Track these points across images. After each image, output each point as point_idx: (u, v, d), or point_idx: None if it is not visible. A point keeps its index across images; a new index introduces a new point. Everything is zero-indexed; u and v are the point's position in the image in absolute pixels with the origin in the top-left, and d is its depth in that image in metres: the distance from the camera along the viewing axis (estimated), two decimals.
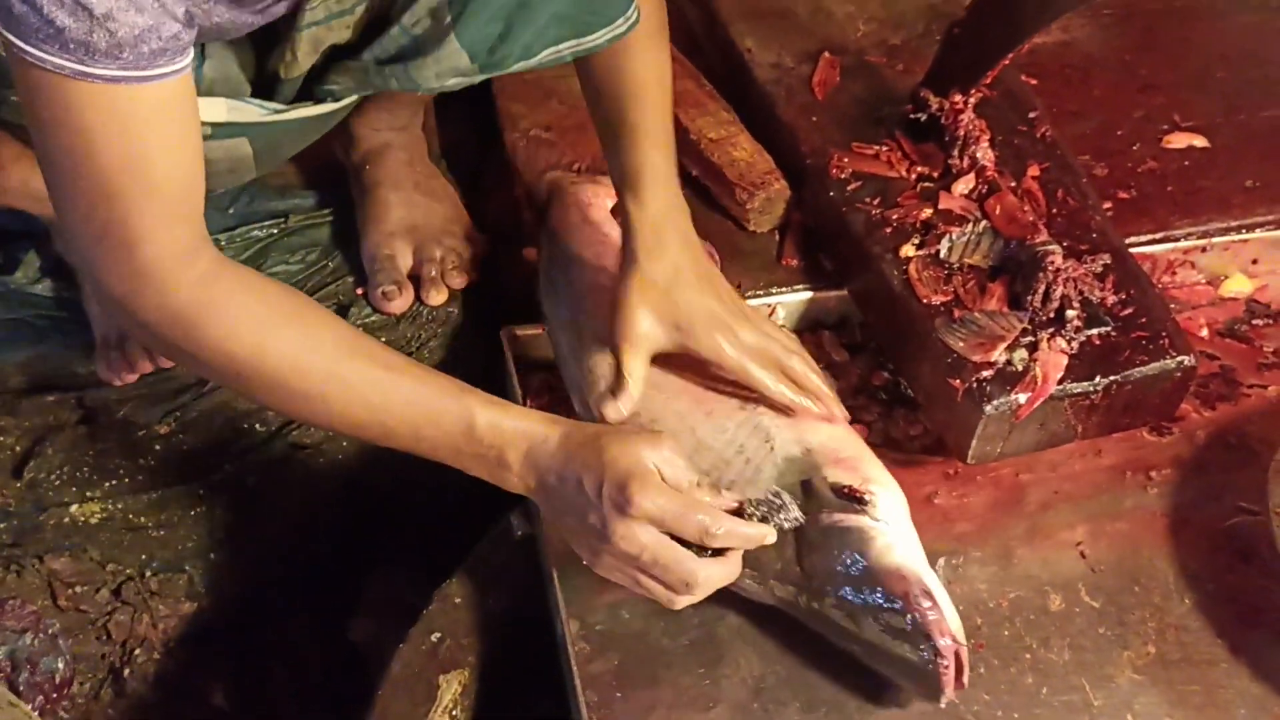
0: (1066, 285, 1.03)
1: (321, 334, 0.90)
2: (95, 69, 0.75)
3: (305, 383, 0.88)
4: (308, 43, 0.97)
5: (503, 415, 0.90)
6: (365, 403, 0.89)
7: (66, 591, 1.21)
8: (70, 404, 1.24)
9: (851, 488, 0.93)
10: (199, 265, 0.85)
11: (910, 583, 0.87)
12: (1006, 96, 1.23)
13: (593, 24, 0.98)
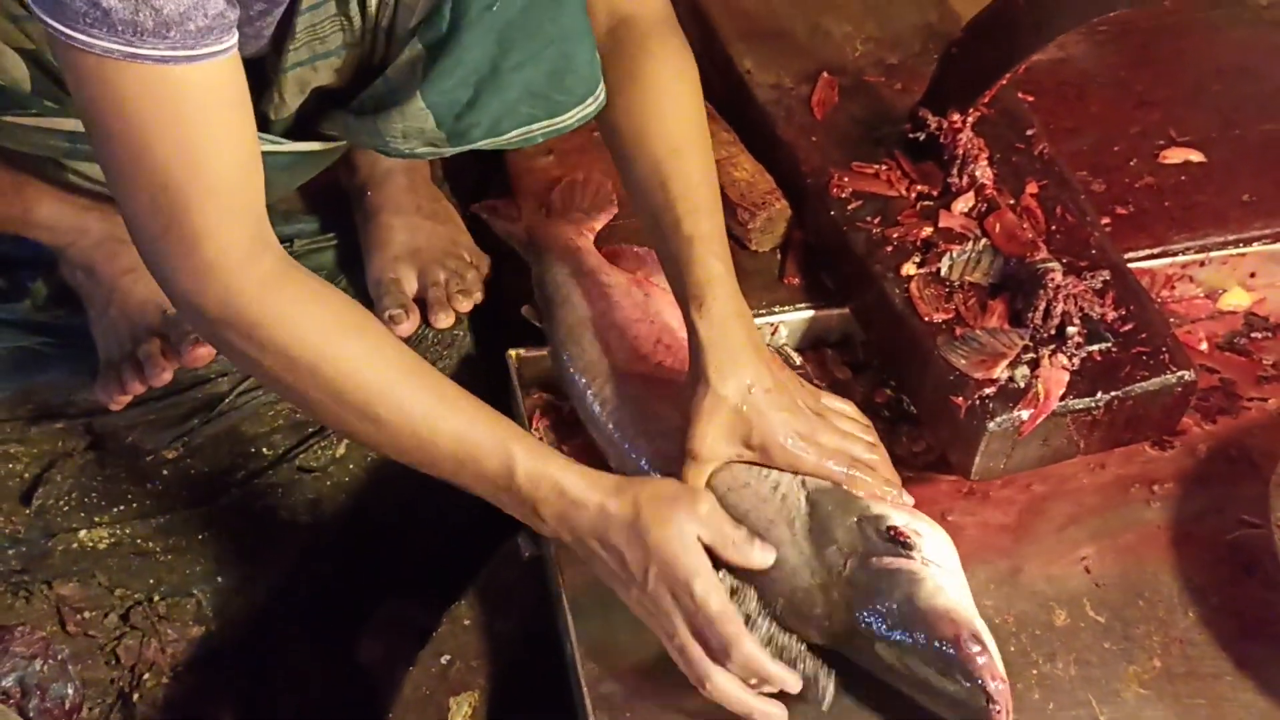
0: (1067, 302, 1.04)
1: (384, 351, 0.90)
2: (144, 49, 0.74)
3: (359, 398, 0.88)
4: (293, 84, 0.98)
5: (543, 468, 0.90)
6: (414, 430, 0.89)
7: (75, 617, 1.22)
8: (78, 430, 1.25)
9: (898, 529, 0.93)
10: (264, 264, 0.85)
11: (960, 626, 0.87)
12: (1004, 115, 1.24)
13: (564, 103, 0.99)
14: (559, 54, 0.96)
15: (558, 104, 0.99)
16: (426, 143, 0.98)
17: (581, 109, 1.00)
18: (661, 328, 1.11)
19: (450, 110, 0.96)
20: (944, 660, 0.87)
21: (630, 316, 1.12)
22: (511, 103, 0.97)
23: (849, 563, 0.92)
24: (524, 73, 0.95)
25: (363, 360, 0.88)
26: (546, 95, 0.98)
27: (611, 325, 1.11)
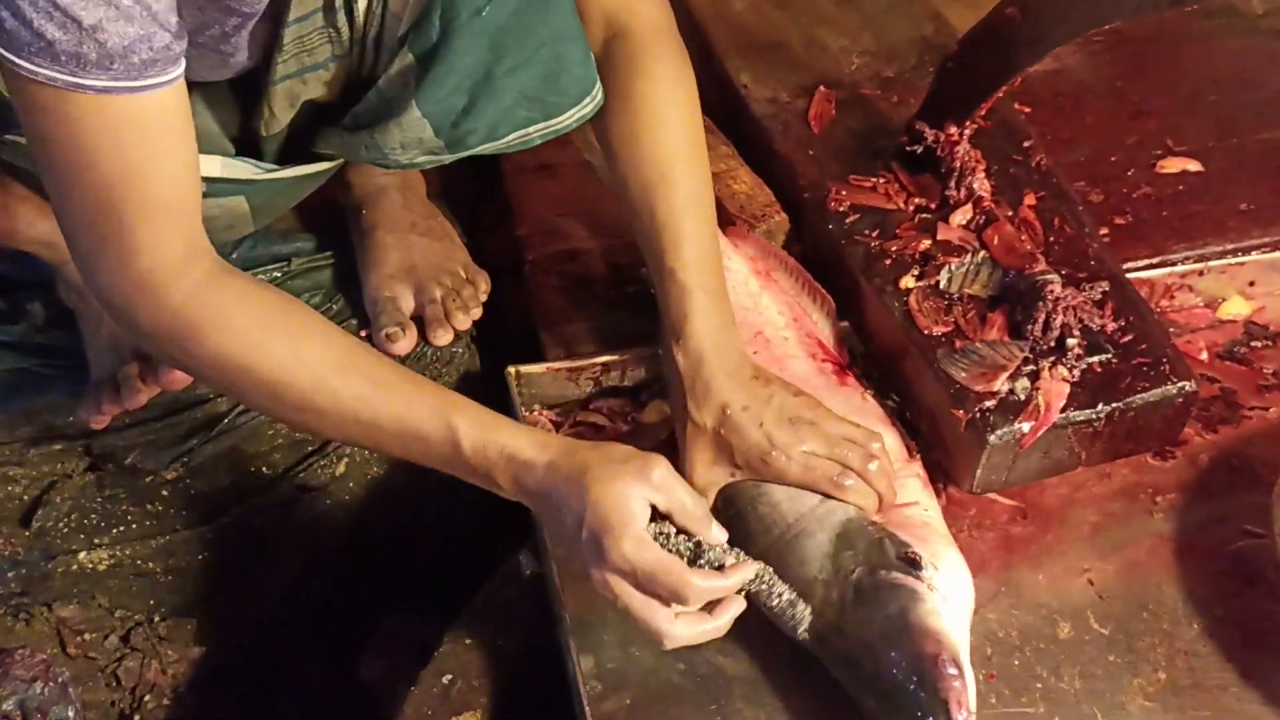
0: (1066, 313, 1.04)
1: (311, 346, 0.90)
2: (87, 80, 0.76)
3: (294, 395, 0.89)
4: (283, 97, 0.98)
5: (489, 434, 0.89)
6: (355, 418, 0.90)
7: (75, 639, 1.22)
8: (78, 452, 1.24)
9: (914, 552, 0.93)
10: (194, 274, 0.87)
11: (944, 648, 0.87)
12: (1001, 126, 1.25)
13: (560, 105, 0.99)
14: (552, 56, 0.97)
15: (553, 105, 0.99)
16: (426, 152, 0.98)
17: (578, 109, 1.00)
18: (766, 322, 1.11)
19: (447, 118, 0.96)
20: (919, 676, 0.87)
21: (737, 302, 1.09)
22: (507, 107, 0.97)
23: (859, 570, 0.93)
24: (518, 76, 0.96)
25: (290, 357, 0.88)
26: (541, 98, 0.98)
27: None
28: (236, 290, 0.89)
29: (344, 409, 0.89)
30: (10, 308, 1.30)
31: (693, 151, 1.04)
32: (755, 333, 1.11)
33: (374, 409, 0.89)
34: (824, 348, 1.11)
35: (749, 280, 1.15)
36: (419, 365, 1.28)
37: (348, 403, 0.89)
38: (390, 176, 1.32)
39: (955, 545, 0.98)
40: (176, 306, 0.86)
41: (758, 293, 1.14)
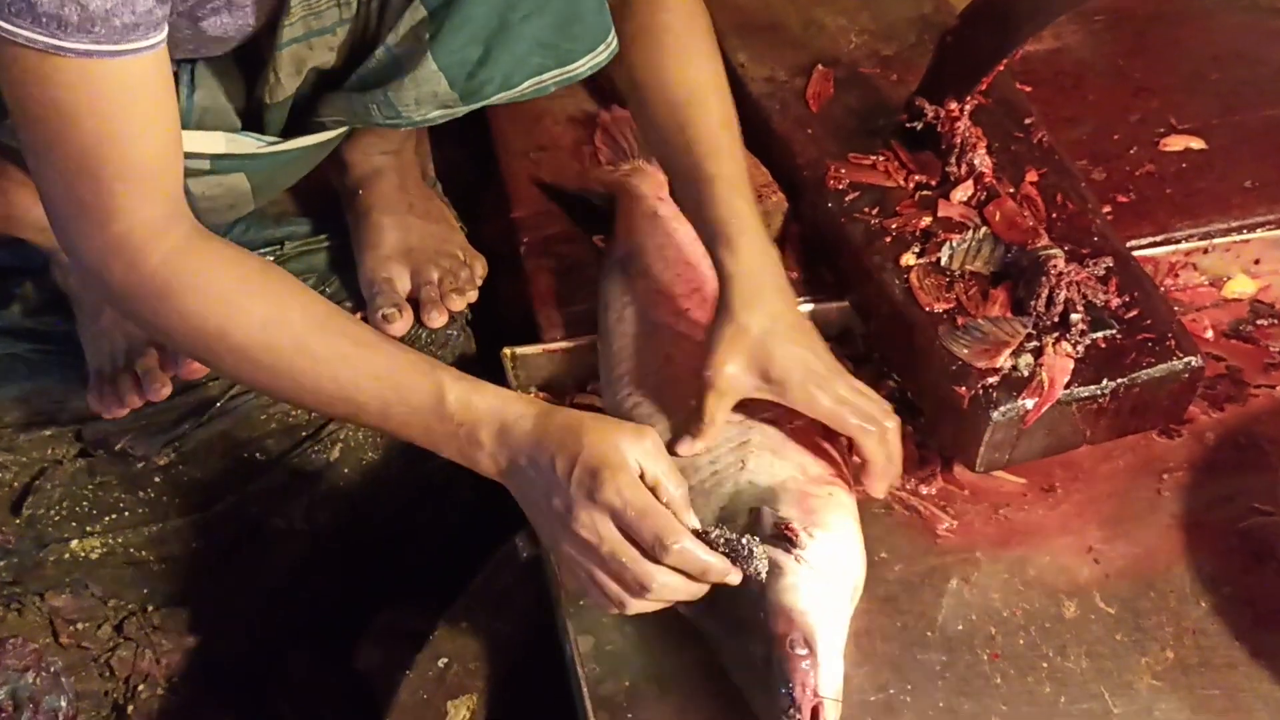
0: (1069, 289, 1.03)
1: (290, 308, 0.89)
2: (68, 43, 0.76)
3: (271, 357, 0.88)
4: (289, 62, 0.97)
5: (475, 391, 0.88)
6: (334, 378, 0.88)
7: (68, 629, 1.20)
8: (68, 438, 1.23)
9: (789, 525, 0.90)
10: (171, 238, 0.86)
11: (795, 626, 0.84)
12: (1001, 104, 1.23)
13: (574, 52, 0.98)
14: (565, 3, 0.96)
15: (568, 52, 0.98)
16: (440, 105, 0.97)
17: (593, 56, 0.99)
18: (705, 279, 1.10)
19: (463, 69, 0.95)
20: (768, 655, 0.85)
21: (682, 258, 1.11)
22: (522, 55, 0.96)
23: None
24: (532, 24, 0.95)
25: (270, 319, 0.87)
26: (556, 45, 0.97)
27: (661, 258, 1.12)
28: (214, 253, 0.88)
29: (324, 369, 0.88)
30: (1, 293, 1.29)
31: (719, 77, 1.04)
32: (694, 289, 1.10)
33: (355, 367, 0.88)
34: None
35: (696, 244, 1.13)
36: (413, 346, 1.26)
37: (328, 363, 0.88)
38: (387, 158, 1.31)
39: (855, 521, 0.95)
40: (153, 267, 0.85)
41: (701, 256, 1.11)
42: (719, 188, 0.99)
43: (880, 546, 1.02)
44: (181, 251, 0.86)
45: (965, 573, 1.01)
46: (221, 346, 0.87)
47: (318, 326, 0.89)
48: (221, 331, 0.87)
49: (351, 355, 0.88)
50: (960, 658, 0.95)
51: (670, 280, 1.11)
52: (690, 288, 1.10)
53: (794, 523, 0.91)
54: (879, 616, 0.98)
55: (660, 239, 1.15)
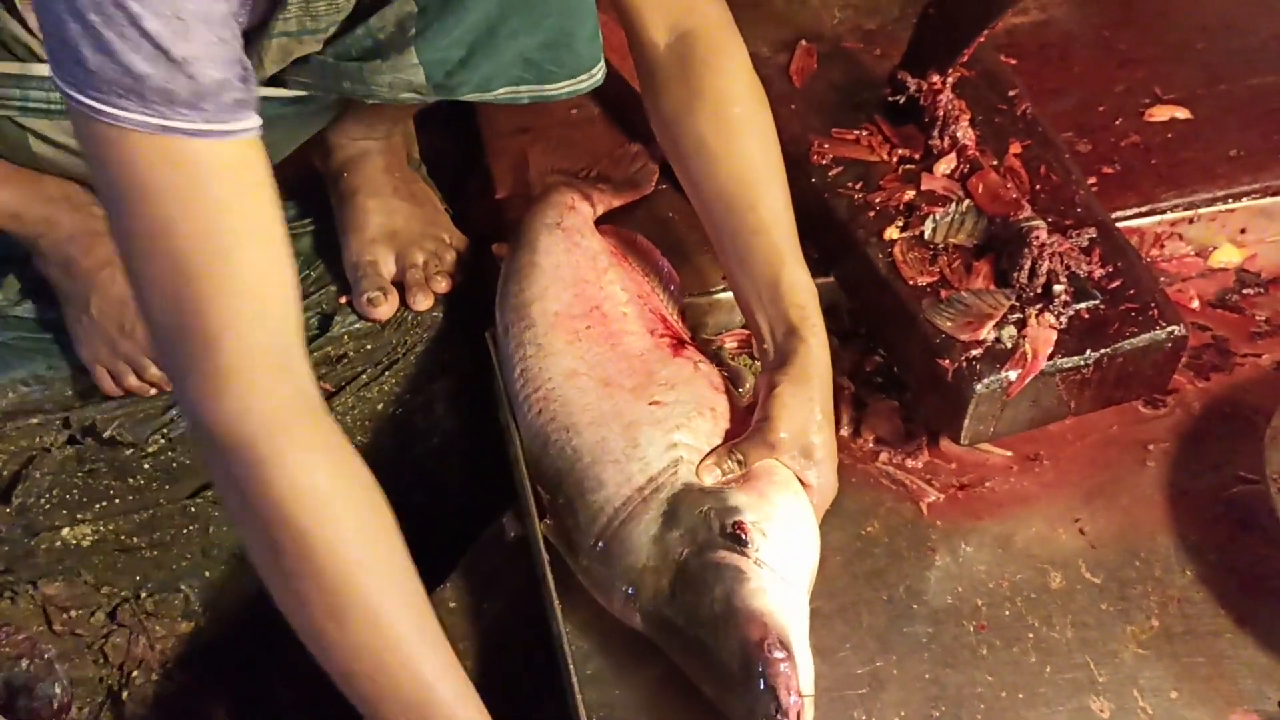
0: (1052, 260, 1.02)
1: (383, 544, 0.80)
2: (176, 121, 0.71)
3: (336, 584, 0.78)
4: (276, 50, 0.96)
5: None
6: (380, 649, 0.80)
7: (61, 616, 1.20)
8: (56, 426, 1.23)
9: (740, 524, 0.89)
10: (292, 384, 0.78)
11: (769, 630, 0.84)
12: (985, 76, 1.23)
13: (556, 75, 0.98)
14: (558, 28, 0.96)
15: (549, 74, 0.98)
16: (411, 91, 0.97)
17: (574, 83, 0.99)
18: (607, 297, 1.09)
19: (442, 68, 0.95)
20: (744, 662, 0.83)
21: (580, 275, 1.10)
22: (503, 65, 0.96)
23: (685, 551, 0.89)
24: (520, 40, 0.95)
25: (358, 546, 0.79)
26: (539, 64, 0.97)
27: (558, 278, 1.10)
28: (328, 436, 0.79)
29: (376, 634, 0.80)
30: None
31: (777, 150, 1.04)
32: (592, 307, 1.08)
33: (407, 654, 0.80)
34: (666, 323, 1.09)
35: (599, 258, 1.13)
36: (399, 331, 1.26)
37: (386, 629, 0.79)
38: (372, 141, 1.30)
39: (798, 492, 0.93)
40: (265, 414, 0.75)
41: (604, 269, 1.12)
42: (796, 273, 1.00)
43: (866, 520, 1.03)
44: (303, 410, 0.77)
45: (951, 545, 1.02)
46: (292, 549, 0.77)
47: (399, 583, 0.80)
48: (305, 533, 0.76)
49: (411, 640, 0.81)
50: (946, 629, 0.96)
51: (569, 301, 1.08)
52: (589, 305, 1.08)
53: (744, 518, 0.89)
54: (865, 589, 0.98)
55: (558, 256, 1.12)
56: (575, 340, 1.05)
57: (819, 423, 0.95)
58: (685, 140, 1.04)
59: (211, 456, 0.79)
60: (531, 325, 1.07)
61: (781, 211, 1.02)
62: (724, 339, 1.18)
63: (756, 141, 1.04)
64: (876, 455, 1.08)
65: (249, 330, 0.75)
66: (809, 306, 0.99)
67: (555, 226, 1.15)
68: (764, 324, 1.01)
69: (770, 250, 1.00)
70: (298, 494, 0.76)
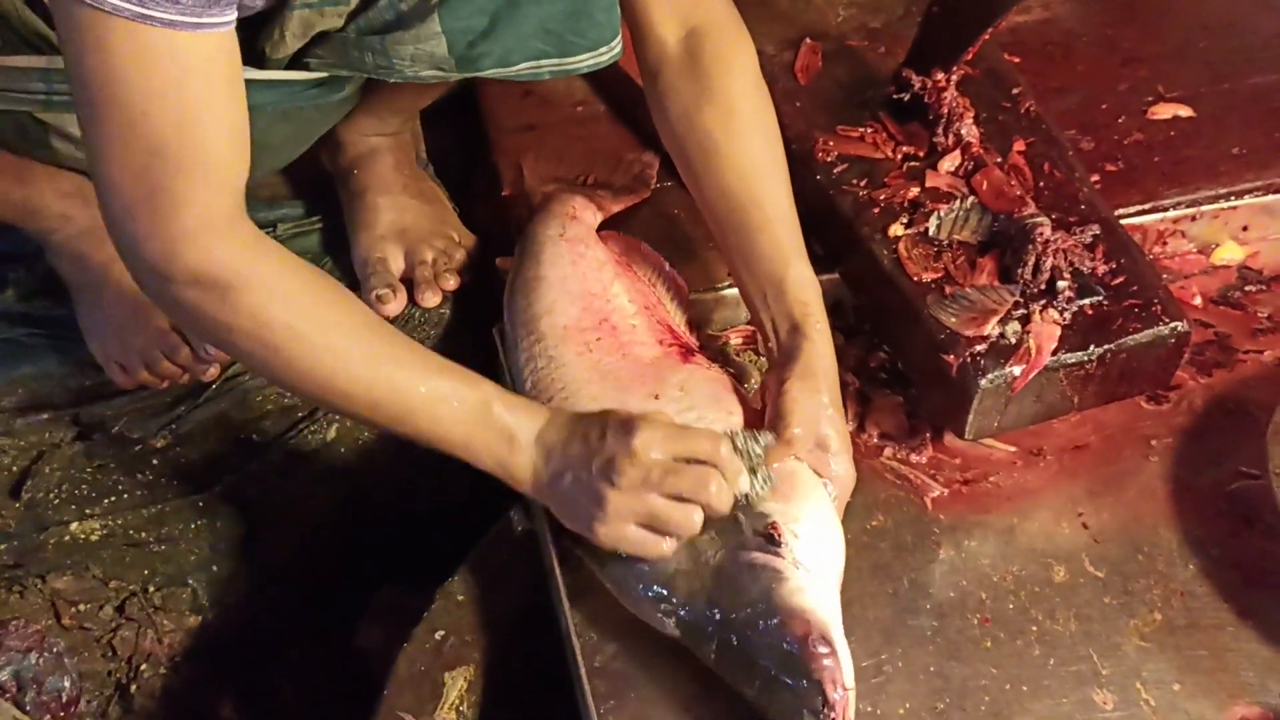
0: (1056, 256, 1.03)
1: (351, 311, 0.91)
2: (154, 10, 0.76)
3: (332, 357, 0.89)
4: (298, 23, 0.97)
5: (519, 402, 0.94)
6: (390, 379, 0.90)
7: (70, 610, 1.21)
8: (65, 421, 1.24)
9: (771, 525, 0.90)
10: (242, 231, 0.87)
11: (812, 626, 0.85)
12: (989, 74, 1.23)
13: (576, 45, 0.99)
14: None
15: (570, 44, 0.99)
16: (434, 66, 0.98)
17: (594, 55, 1.01)
18: (614, 309, 1.09)
19: (465, 37, 0.96)
20: (789, 659, 0.84)
21: (588, 289, 1.11)
22: (525, 36, 0.97)
23: (718, 554, 0.90)
24: (541, 7, 0.96)
25: (336, 320, 0.89)
26: (560, 34, 0.98)
27: (565, 291, 1.11)
28: (279, 252, 0.89)
29: (383, 371, 0.90)
30: None
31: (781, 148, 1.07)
32: (601, 319, 1.08)
33: (410, 371, 0.91)
34: (673, 333, 1.09)
35: (604, 269, 1.13)
36: (407, 327, 1.27)
37: (387, 364, 0.90)
38: (383, 139, 1.31)
39: (820, 490, 0.95)
40: (226, 258, 0.85)
41: (610, 281, 1.12)
42: (800, 269, 1.02)
43: (871, 514, 1.04)
44: (251, 245, 0.87)
45: (956, 539, 1.02)
46: (286, 343, 0.88)
47: (376, 328, 0.92)
48: (288, 328, 0.87)
49: (407, 359, 0.91)
50: (951, 623, 0.97)
51: (577, 314, 1.08)
52: (598, 318, 1.08)
53: (776, 519, 0.91)
54: (870, 583, 0.99)
55: (564, 269, 1.13)
56: (586, 351, 1.05)
57: (830, 415, 0.96)
58: (692, 138, 1.05)
59: (179, 300, 0.87)
60: (541, 339, 1.07)
61: (785, 209, 1.03)
62: (729, 335, 1.18)
63: (761, 139, 1.05)
64: (881, 450, 1.09)
65: (213, 194, 0.84)
66: (812, 303, 1.00)
67: (559, 238, 1.16)
68: (768, 321, 1.02)
69: (774, 248, 1.02)
70: (273, 298, 0.87)
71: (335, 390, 0.91)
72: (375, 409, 0.92)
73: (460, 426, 0.92)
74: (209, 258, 0.84)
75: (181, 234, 0.83)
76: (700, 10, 1.06)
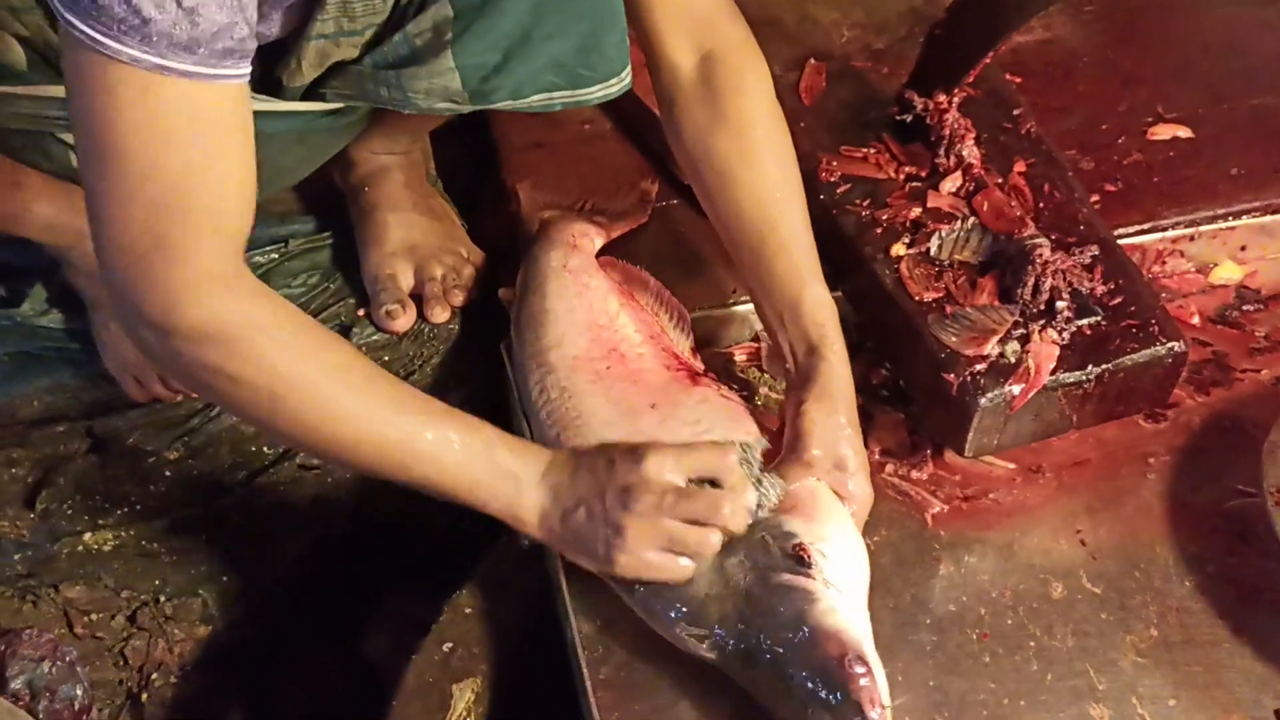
0: (1055, 277, 1.05)
1: (352, 357, 0.92)
2: (172, 63, 0.76)
3: (336, 406, 0.89)
4: (314, 54, 0.99)
5: (521, 442, 0.95)
6: (397, 426, 0.90)
7: (82, 619, 1.23)
8: (80, 433, 1.26)
9: (799, 546, 0.91)
10: (245, 283, 0.87)
11: (847, 646, 0.86)
12: (990, 95, 1.25)
13: (588, 78, 1.01)
14: (589, 31, 0.99)
15: (581, 78, 1.01)
16: (448, 99, 0.99)
17: (605, 87, 1.02)
18: (622, 339, 1.11)
19: (478, 72, 0.97)
20: (826, 679, 0.85)
21: (594, 320, 1.12)
22: (537, 70, 0.99)
23: (748, 577, 0.91)
24: (553, 43, 0.98)
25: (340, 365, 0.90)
26: (572, 68, 1.00)
27: (573, 323, 1.12)
28: (280, 301, 0.90)
29: (389, 417, 0.90)
30: (11, 293, 1.31)
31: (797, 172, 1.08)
32: (610, 349, 1.10)
33: (414, 417, 0.91)
34: (679, 359, 1.11)
35: (609, 299, 1.15)
36: (415, 343, 1.29)
37: (392, 410, 0.90)
38: (393, 156, 1.33)
39: (842, 510, 0.96)
40: (230, 310, 0.85)
41: (615, 311, 1.14)
42: (816, 291, 1.03)
43: (873, 530, 1.05)
44: (255, 297, 0.87)
45: (956, 555, 1.04)
46: (292, 393, 0.88)
47: (379, 376, 0.92)
48: (295, 377, 0.87)
49: (411, 405, 0.92)
50: (950, 638, 0.98)
51: (586, 346, 1.10)
52: (606, 348, 1.10)
53: (803, 540, 0.92)
54: (871, 597, 0.99)
55: (569, 301, 1.14)
56: (597, 379, 1.07)
57: (848, 435, 0.98)
58: (707, 161, 1.07)
59: (186, 356, 0.87)
60: (552, 370, 1.09)
61: (801, 232, 1.05)
62: (734, 351, 1.20)
63: (776, 162, 1.06)
64: (883, 466, 1.10)
65: (217, 246, 0.84)
66: (829, 324, 1.02)
67: (562, 269, 1.17)
68: (786, 344, 1.04)
69: (790, 270, 1.03)
70: (278, 348, 0.87)
71: (341, 440, 0.91)
72: (381, 457, 0.92)
73: (466, 471, 0.92)
74: (214, 311, 0.84)
75: (186, 287, 0.83)
76: (715, 35, 1.07)
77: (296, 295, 1.32)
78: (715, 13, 1.08)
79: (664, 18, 1.05)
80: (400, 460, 0.92)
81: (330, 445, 0.92)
